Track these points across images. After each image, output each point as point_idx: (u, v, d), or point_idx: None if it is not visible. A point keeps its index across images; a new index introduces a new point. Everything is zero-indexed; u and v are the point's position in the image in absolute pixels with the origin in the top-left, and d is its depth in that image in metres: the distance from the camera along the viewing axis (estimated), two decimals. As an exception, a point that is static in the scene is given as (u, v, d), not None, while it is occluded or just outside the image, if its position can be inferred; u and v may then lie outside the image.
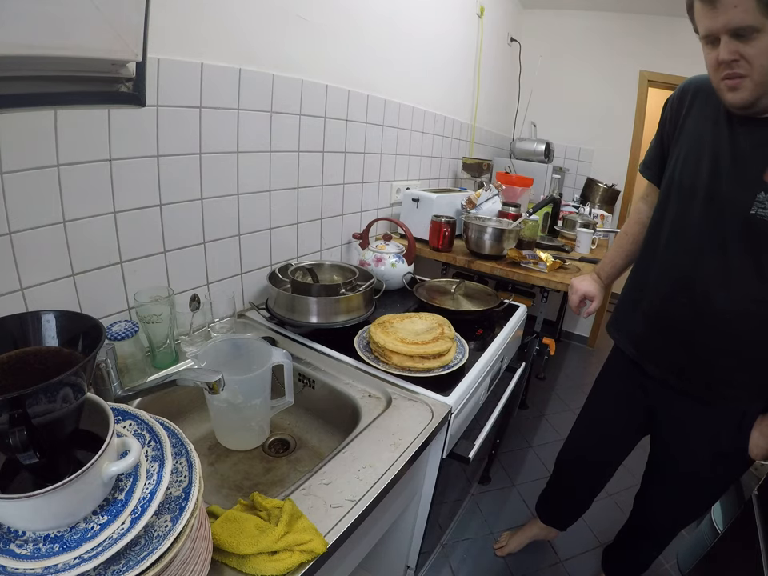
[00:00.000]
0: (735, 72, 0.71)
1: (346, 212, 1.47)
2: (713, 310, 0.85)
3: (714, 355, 0.88)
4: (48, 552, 0.37)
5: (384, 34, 1.45)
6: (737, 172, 0.79)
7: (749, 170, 0.77)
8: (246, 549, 0.48)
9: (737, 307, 0.82)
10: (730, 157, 0.80)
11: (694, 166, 0.86)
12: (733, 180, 0.79)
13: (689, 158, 0.87)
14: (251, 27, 0.97)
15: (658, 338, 0.96)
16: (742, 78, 0.70)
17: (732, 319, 0.83)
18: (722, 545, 1.18)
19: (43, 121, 0.67)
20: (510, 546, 1.47)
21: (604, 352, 1.26)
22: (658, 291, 0.95)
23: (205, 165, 0.94)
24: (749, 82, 0.70)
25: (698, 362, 0.90)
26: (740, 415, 0.89)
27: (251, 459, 0.82)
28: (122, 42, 0.48)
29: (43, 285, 0.72)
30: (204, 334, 0.95)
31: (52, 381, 0.36)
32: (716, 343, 0.87)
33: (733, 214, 0.79)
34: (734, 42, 0.68)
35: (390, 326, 0.99)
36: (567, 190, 2.98)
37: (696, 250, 0.87)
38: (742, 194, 0.77)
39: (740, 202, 0.78)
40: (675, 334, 0.93)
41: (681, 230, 0.90)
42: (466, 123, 2.32)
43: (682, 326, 0.91)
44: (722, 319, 0.84)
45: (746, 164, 0.78)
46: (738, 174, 0.79)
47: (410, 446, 0.72)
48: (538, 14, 2.82)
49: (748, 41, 0.67)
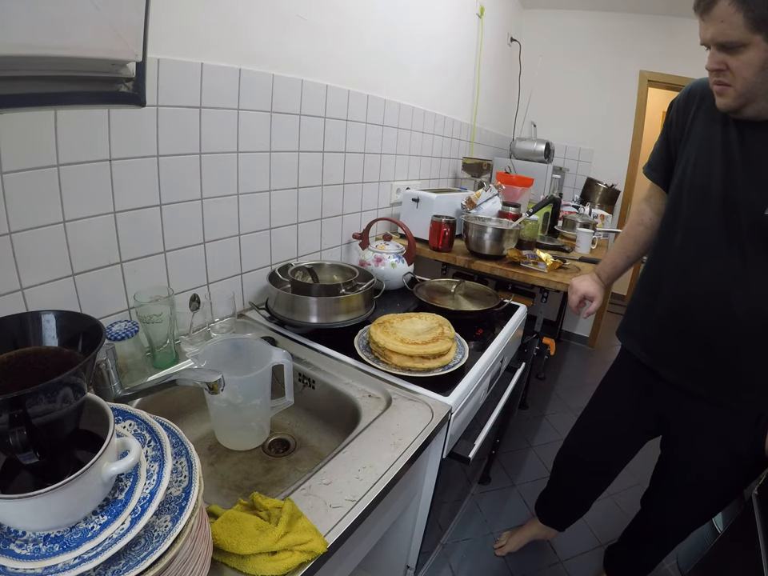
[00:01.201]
0: (720, 80, 0.75)
1: (346, 212, 1.47)
2: (731, 312, 0.84)
3: (733, 358, 0.87)
4: (48, 552, 0.37)
5: (384, 34, 1.45)
6: (749, 173, 0.79)
7: (762, 171, 0.78)
8: (246, 549, 0.48)
9: (755, 309, 0.82)
10: (742, 158, 0.81)
11: (706, 168, 0.86)
12: (746, 181, 0.80)
13: (700, 159, 0.88)
14: (251, 27, 0.97)
15: (673, 342, 0.95)
16: (727, 86, 0.75)
17: (750, 321, 0.83)
18: (722, 545, 1.18)
19: (43, 121, 0.67)
20: (510, 545, 1.47)
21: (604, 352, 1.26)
22: (672, 294, 0.94)
23: (205, 165, 0.94)
24: (732, 91, 0.75)
25: (716, 366, 0.89)
26: (756, 417, 0.89)
27: (251, 459, 0.82)
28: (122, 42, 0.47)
29: (43, 285, 0.72)
30: (204, 334, 0.95)
31: (52, 381, 0.36)
32: (734, 346, 0.86)
33: (748, 215, 0.80)
34: (721, 53, 0.73)
35: (389, 326, 0.99)
36: (567, 189, 2.98)
37: (711, 252, 0.86)
38: (756, 195, 0.78)
39: (754, 203, 0.78)
40: (692, 338, 0.91)
41: (695, 231, 0.90)
42: (466, 123, 2.32)
43: (699, 330, 0.90)
44: (740, 321, 0.84)
45: (759, 165, 0.78)
46: (751, 175, 0.79)
47: (410, 445, 0.72)
48: (537, 13, 2.82)
49: (734, 53, 0.71)
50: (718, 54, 0.73)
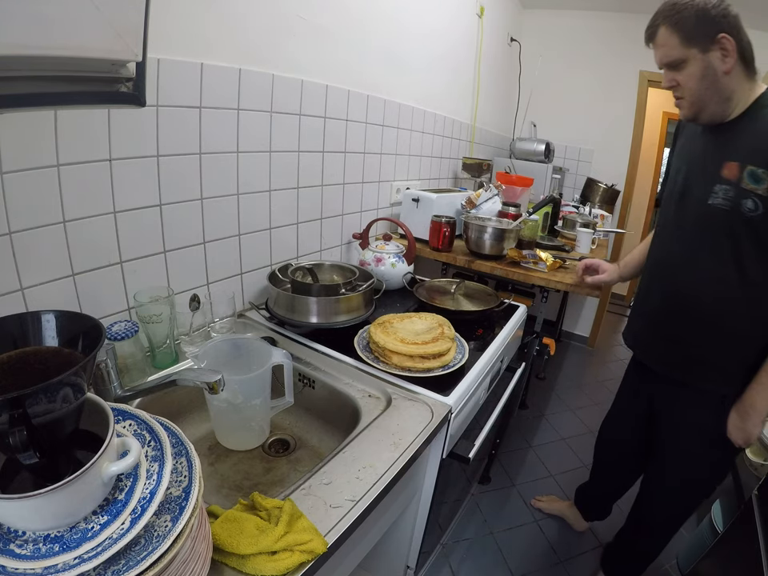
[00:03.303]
0: (676, 95, 0.90)
1: (346, 212, 1.47)
2: (678, 292, 0.97)
3: (687, 336, 0.97)
4: (48, 552, 0.37)
5: (384, 34, 1.45)
6: (702, 171, 0.92)
7: (710, 167, 0.90)
8: (246, 549, 0.48)
9: (699, 289, 0.93)
10: (700, 159, 0.94)
11: (678, 173, 1.00)
12: (697, 176, 0.93)
13: (678, 171, 1.00)
14: (251, 27, 0.97)
15: (647, 332, 1.08)
16: (681, 98, 0.89)
17: (695, 301, 0.94)
18: (722, 545, 1.18)
19: (43, 121, 0.67)
20: (545, 505, 1.63)
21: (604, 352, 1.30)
22: (645, 284, 1.09)
23: (205, 165, 0.94)
24: (685, 102, 0.89)
25: (673, 345, 1.00)
26: (720, 399, 0.96)
27: (251, 459, 0.82)
28: (122, 42, 0.47)
29: (43, 285, 0.72)
30: (204, 334, 0.95)
31: (52, 381, 0.36)
32: (685, 325, 0.97)
33: (697, 207, 0.92)
34: (671, 72, 0.88)
35: (390, 326, 0.99)
36: (567, 189, 2.98)
37: (668, 245, 1.01)
38: (704, 188, 0.90)
39: (702, 196, 0.90)
40: (657, 326, 1.04)
41: (661, 231, 1.05)
42: (466, 123, 2.32)
43: (659, 316, 1.03)
44: (688, 301, 0.95)
45: (706, 161, 0.91)
46: (702, 173, 0.92)
47: (410, 445, 0.72)
48: (537, 14, 2.81)
49: (679, 69, 0.86)
50: (669, 74, 0.89)
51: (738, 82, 0.84)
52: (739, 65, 0.83)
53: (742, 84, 0.85)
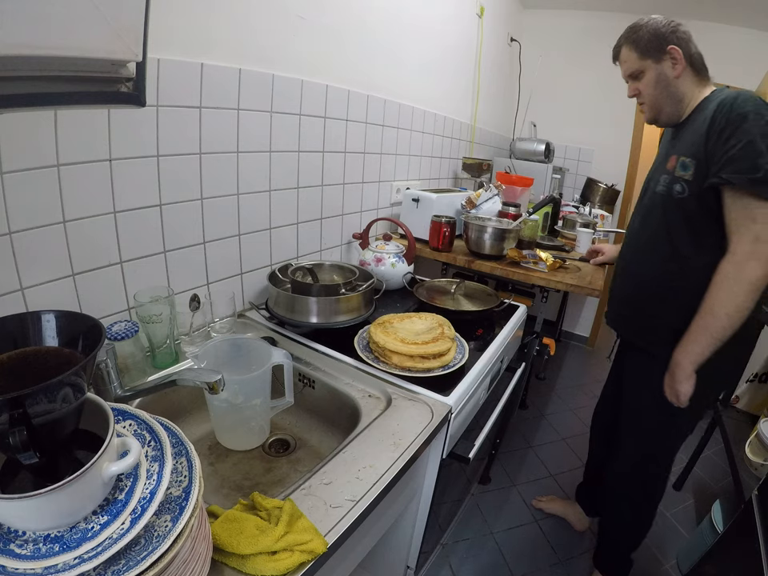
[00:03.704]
0: (639, 102, 1.07)
1: (346, 212, 1.47)
2: (631, 269, 1.14)
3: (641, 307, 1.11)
4: (48, 552, 0.37)
5: (384, 34, 1.45)
6: (658, 167, 1.08)
7: (662, 163, 1.05)
8: (246, 549, 0.48)
9: (642, 263, 1.09)
10: (660, 157, 1.10)
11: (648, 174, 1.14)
12: (656, 174, 1.07)
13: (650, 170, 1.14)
14: (251, 27, 0.97)
15: (614, 306, 1.23)
16: (643, 103, 1.06)
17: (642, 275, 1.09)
18: (722, 545, 1.18)
19: (43, 121, 0.67)
20: (545, 505, 1.64)
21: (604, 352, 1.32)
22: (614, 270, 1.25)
23: (205, 165, 0.94)
24: (646, 107, 1.06)
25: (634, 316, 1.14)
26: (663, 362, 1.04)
27: (251, 459, 0.82)
28: (122, 42, 0.48)
29: (43, 285, 0.72)
30: (204, 334, 0.95)
31: (52, 381, 0.36)
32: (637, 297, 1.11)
33: (651, 196, 1.07)
34: (633, 83, 1.06)
35: (389, 326, 0.99)
36: (567, 189, 2.98)
37: (629, 231, 1.18)
38: (656, 181, 1.05)
39: (654, 186, 1.06)
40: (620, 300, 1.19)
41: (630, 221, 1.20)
42: (466, 123, 2.32)
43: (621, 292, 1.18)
44: (637, 277, 1.10)
45: (663, 159, 1.06)
46: (658, 168, 1.08)
47: (410, 446, 0.72)
48: (537, 13, 2.81)
49: (639, 79, 1.04)
50: (632, 84, 1.06)
51: (688, 85, 0.99)
52: (689, 70, 0.98)
53: (692, 87, 0.99)
